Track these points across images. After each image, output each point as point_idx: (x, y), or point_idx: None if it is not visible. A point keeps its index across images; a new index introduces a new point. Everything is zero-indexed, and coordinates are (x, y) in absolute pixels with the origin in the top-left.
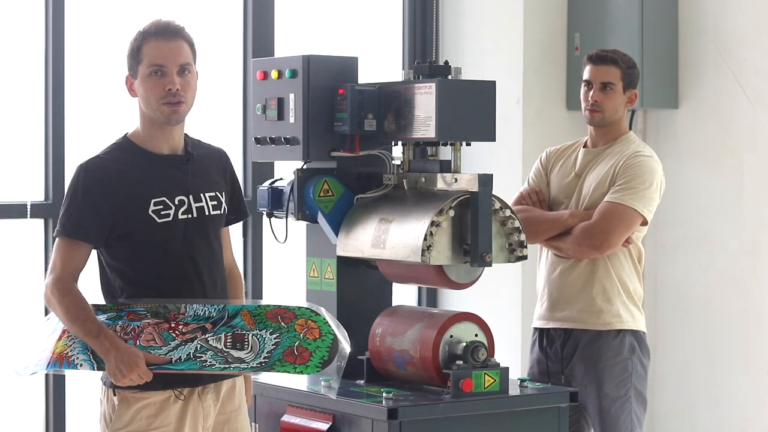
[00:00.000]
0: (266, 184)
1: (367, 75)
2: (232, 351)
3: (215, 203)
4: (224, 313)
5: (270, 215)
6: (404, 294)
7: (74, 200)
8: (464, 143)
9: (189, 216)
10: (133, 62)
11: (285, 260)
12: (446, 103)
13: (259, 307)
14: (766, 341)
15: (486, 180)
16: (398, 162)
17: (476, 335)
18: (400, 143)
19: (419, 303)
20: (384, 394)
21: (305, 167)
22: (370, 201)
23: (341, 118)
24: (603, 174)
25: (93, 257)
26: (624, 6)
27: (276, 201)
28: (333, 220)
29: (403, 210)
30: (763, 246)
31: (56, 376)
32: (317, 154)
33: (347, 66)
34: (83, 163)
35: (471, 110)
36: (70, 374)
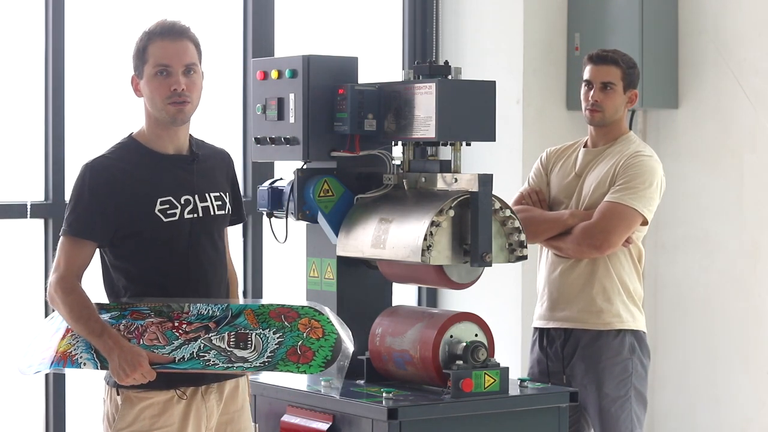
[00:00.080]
0: (266, 184)
1: (367, 75)
2: (236, 350)
3: (220, 203)
4: (227, 313)
5: (270, 215)
6: (404, 294)
7: (81, 199)
8: (464, 143)
9: (195, 215)
10: (139, 62)
11: (285, 260)
12: (446, 103)
13: (263, 307)
14: (766, 341)
15: (486, 180)
16: (398, 162)
17: (476, 335)
18: (400, 143)
19: (419, 303)
20: (384, 394)
21: (305, 167)
22: (370, 201)
23: (341, 118)
24: (603, 174)
25: (95, 257)
26: (624, 6)
27: (276, 201)
28: (333, 220)
29: (403, 210)
30: (763, 246)
31: (56, 376)
32: (317, 154)
33: (347, 66)
34: (89, 162)
35: (471, 110)
36: (71, 373)
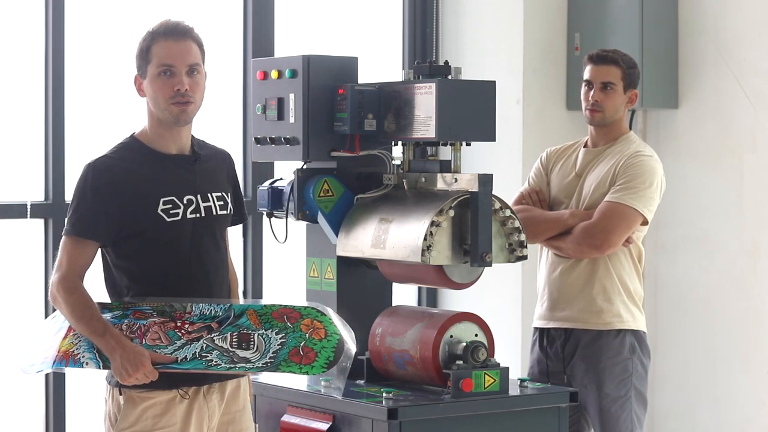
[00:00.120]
0: (266, 184)
1: (367, 75)
2: (238, 351)
3: (222, 203)
4: (230, 313)
5: (270, 215)
6: (404, 294)
7: (83, 199)
8: (464, 143)
9: (197, 215)
10: (142, 62)
11: (285, 260)
12: (446, 103)
13: (265, 307)
14: (766, 341)
15: (486, 180)
16: (398, 162)
17: (476, 335)
18: (400, 143)
19: (419, 303)
20: (384, 394)
21: (305, 167)
22: (370, 201)
23: (341, 118)
24: (603, 174)
25: (96, 256)
26: (624, 6)
27: (276, 201)
28: (333, 220)
29: (403, 210)
30: (763, 246)
31: (57, 376)
32: (317, 154)
33: (347, 66)
34: (91, 162)
35: (471, 110)
36: (72, 373)
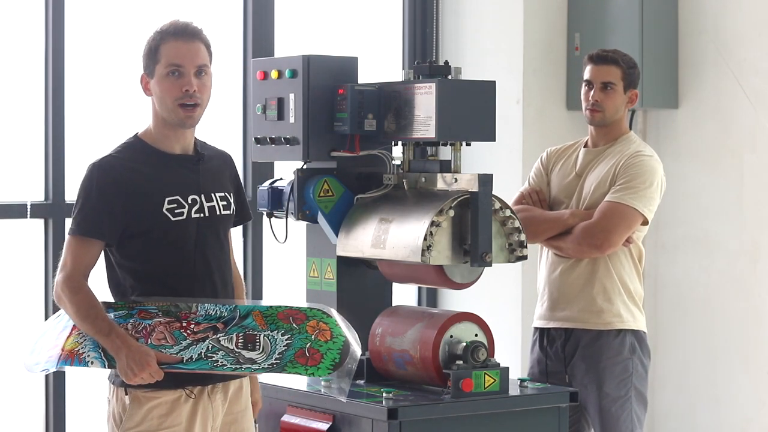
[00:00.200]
0: (266, 184)
1: (367, 75)
2: (244, 351)
3: (225, 203)
4: (236, 313)
5: (270, 215)
6: (404, 294)
7: (88, 199)
8: (464, 143)
9: (201, 215)
10: (150, 61)
11: (285, 260)
12: (446, 103)
13: (271, 308)
14: (766, 341)
15: (486, 180)
16: (398, 162)
17: (476, 335)
18: (400, 143)
19: (419, 303)
20: (384, 394)
21: (305, 167)
22: (370, 201)
23: (341, 118)
24: (604, 174)
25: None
26: (624, 6)
27: (276, 201)
28: (333, 220)
29: (403, 210)
30: (763, 246)
31: (57, 375)
32: (317, 154)
33: (347, 66)
34: (96, 162)
35: (471, 110)
36: (74, 372)
